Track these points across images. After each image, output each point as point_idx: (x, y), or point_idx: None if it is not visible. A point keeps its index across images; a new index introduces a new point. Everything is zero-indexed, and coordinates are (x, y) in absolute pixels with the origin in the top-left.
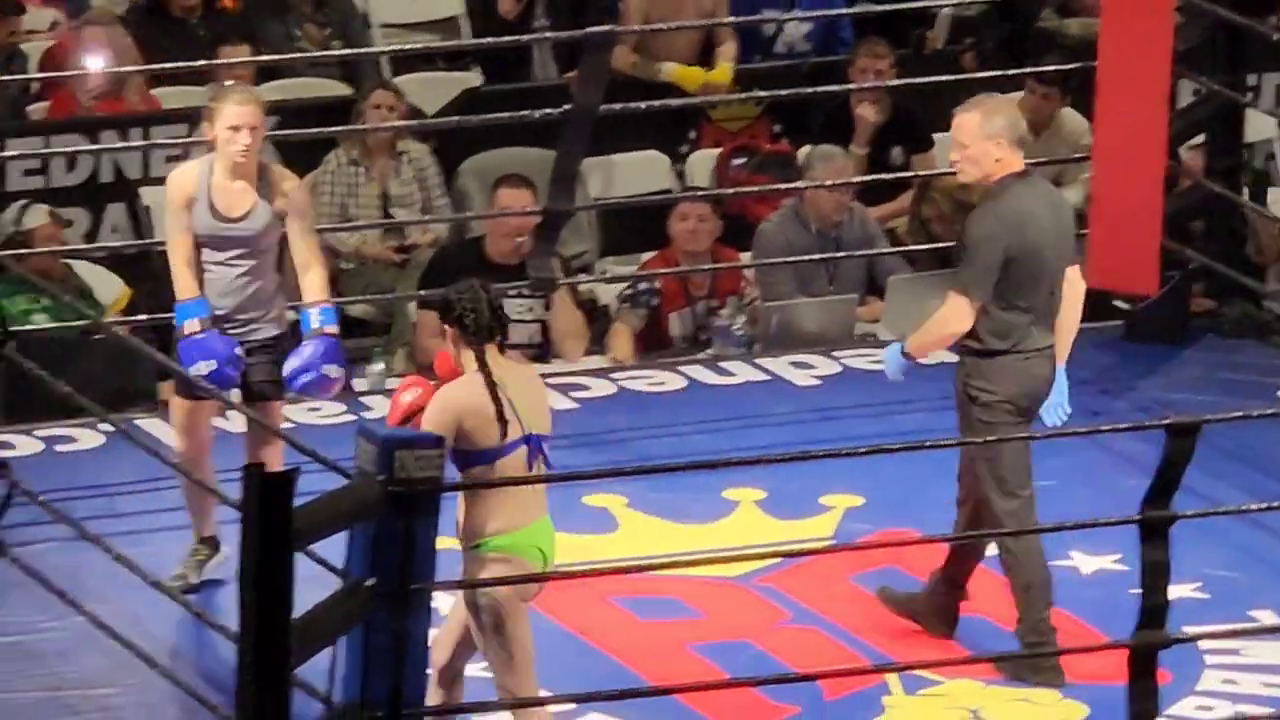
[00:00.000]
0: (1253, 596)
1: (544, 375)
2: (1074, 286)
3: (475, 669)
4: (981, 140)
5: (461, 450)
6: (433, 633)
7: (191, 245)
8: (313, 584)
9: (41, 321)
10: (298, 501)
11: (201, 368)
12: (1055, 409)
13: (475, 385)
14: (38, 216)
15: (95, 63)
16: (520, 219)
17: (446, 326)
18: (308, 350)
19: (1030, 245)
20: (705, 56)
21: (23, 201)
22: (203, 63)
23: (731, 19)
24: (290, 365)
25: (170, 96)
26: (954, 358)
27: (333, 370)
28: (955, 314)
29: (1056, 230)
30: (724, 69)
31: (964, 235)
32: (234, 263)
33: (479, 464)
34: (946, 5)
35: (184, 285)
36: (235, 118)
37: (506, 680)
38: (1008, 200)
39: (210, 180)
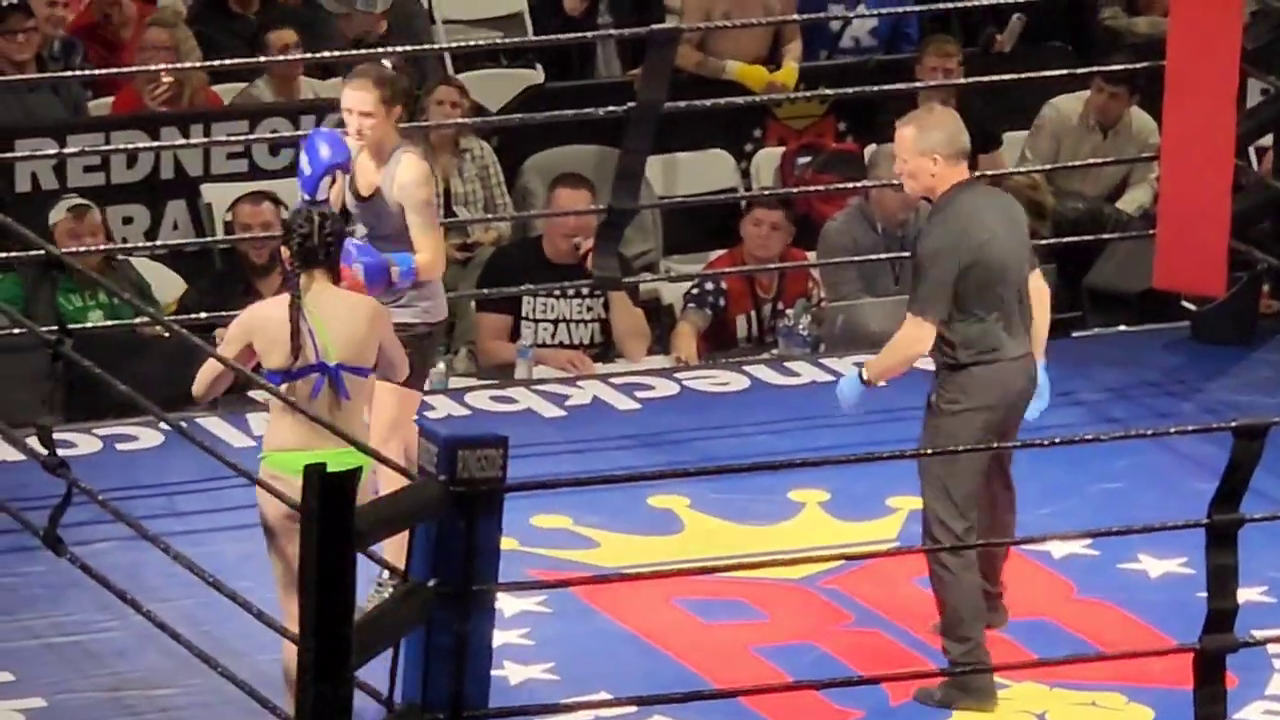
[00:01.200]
0: None
1: (607, 375)
2: (1039, 292)
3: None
4: (916, 156)
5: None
6: None
7: None
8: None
9: (97, 320)
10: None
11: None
12: (1033, 407)
13: (278, 308)
14: (59, 212)
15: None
16: (577, 219)
17: (283, 247)
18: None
19: (984, 252)
20: (771, 55)
21: (68, 199)
22: (263, 59)
23: (797, 16)
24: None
25: (230, 92)
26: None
27: (357, 265)
28: (913, 335)
29: (1010, 235)
30: (789, 69)
31: (914, 253)
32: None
33: (272, 383)
34: (1013, 4)
35: None
36: (345, 101)
37: (280, 599)
38: (953, 210)
39: (357, 157)
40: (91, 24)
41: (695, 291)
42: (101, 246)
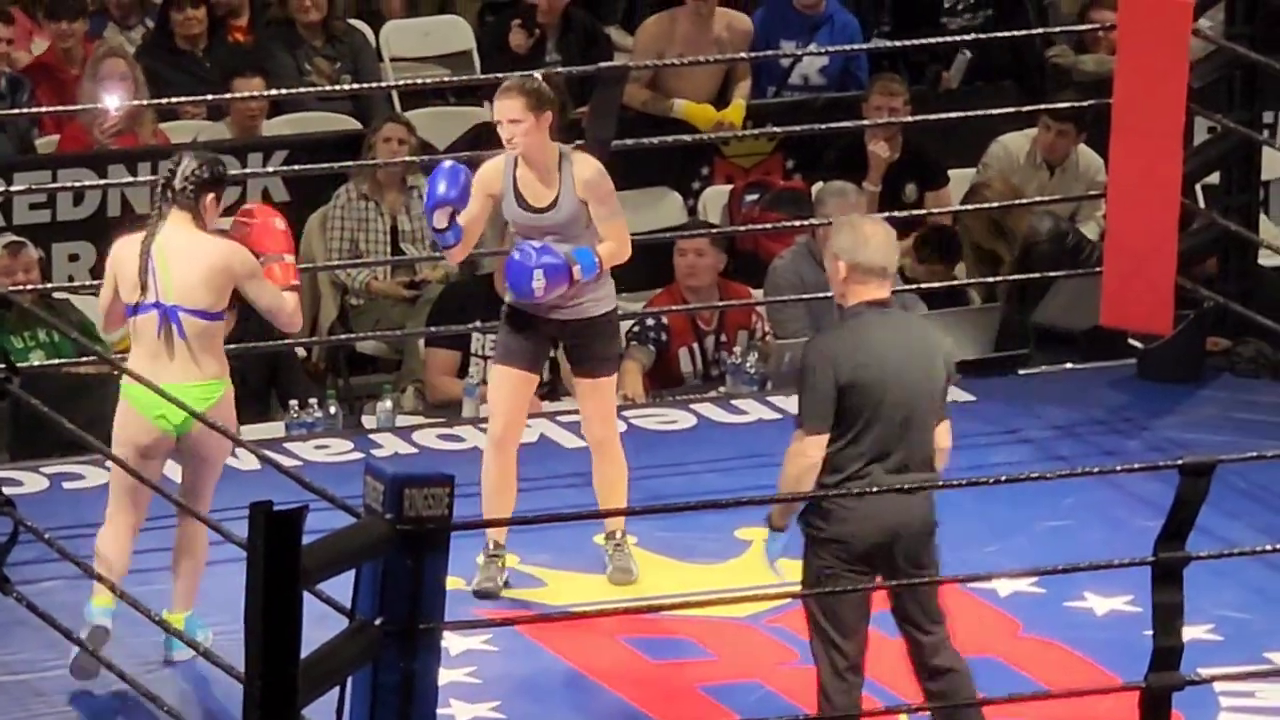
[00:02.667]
0: (1267, 638)
1: (554, 413)
2: (942, 440)
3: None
4: (830, 255)
5: None
6: None
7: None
8: (320, 623)
9: (40, 359)
10: (305, 539)
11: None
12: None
13: (134, 245)
14: None
15: (113, 100)
16: None
17: None
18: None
19: (865, 375)
20: (722, 94)
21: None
22: (212, 97)
23: (745, 54)
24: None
25: (178, 130)
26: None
27: (539, 277)
28: (794, 449)
29: (909, 369)
30: (737, 106)
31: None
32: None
33: (127, 315)
34: (961, 40)
35: None
36: (495, 112)
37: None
38: (849, 328)
39: (515, 173)
40: (43, 63)
41: (637, 328)
42: (38, 284)
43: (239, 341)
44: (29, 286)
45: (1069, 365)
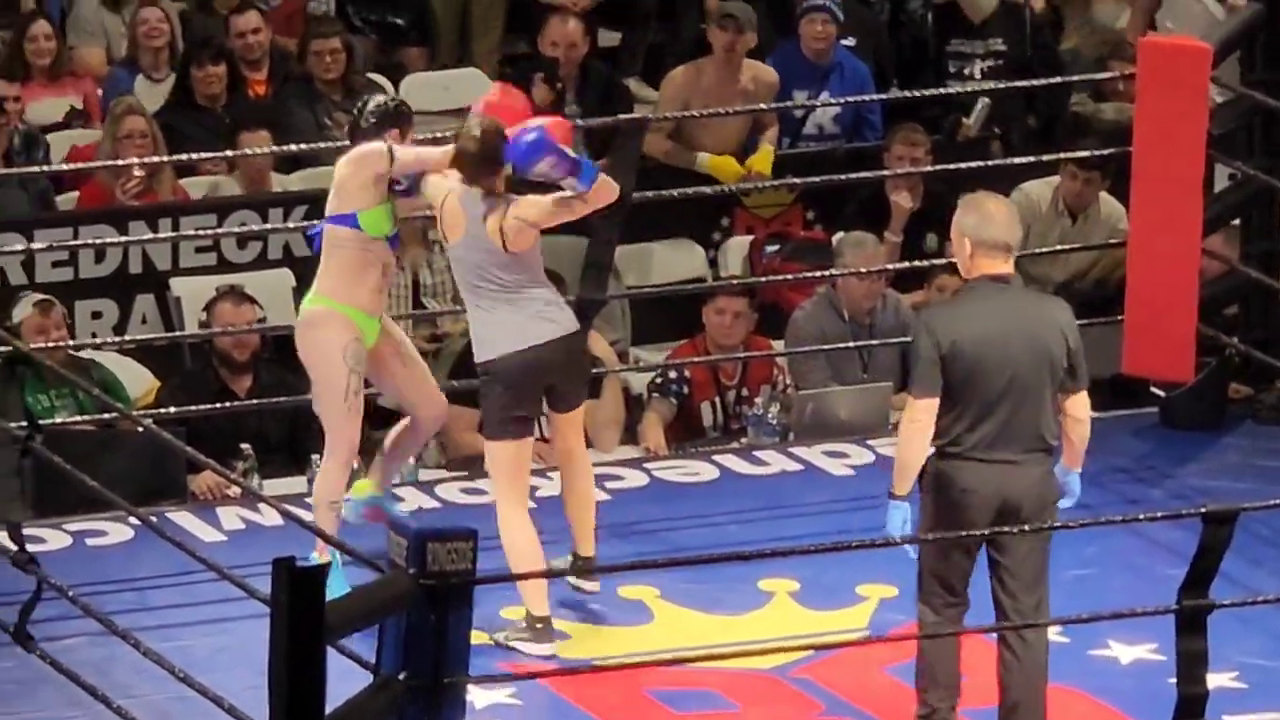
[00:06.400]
0: None
1: None
2: (1075, 407)
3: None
4: (957, 234)
5: None
6: None
7: None
8: (345, 678)
9: (65, 416)
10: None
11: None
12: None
13: None
14: (24, 308)
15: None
16: None
17: None
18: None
19: (964, 347)
20: (746, 147)
21: (30, 295)
22: (229, 153)
23: (763, 105)
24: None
25: (196, 186)
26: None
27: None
28: (905, 413)
29: (1014, 340)
30: (765, 154)
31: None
32: None
33: None
34: (977, 91)
35: None
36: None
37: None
38: (957, 300)
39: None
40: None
41: (659, 381)
42: (68, 341)
43: (258, 397)
44: (56, 344)
45: (1091, 414)
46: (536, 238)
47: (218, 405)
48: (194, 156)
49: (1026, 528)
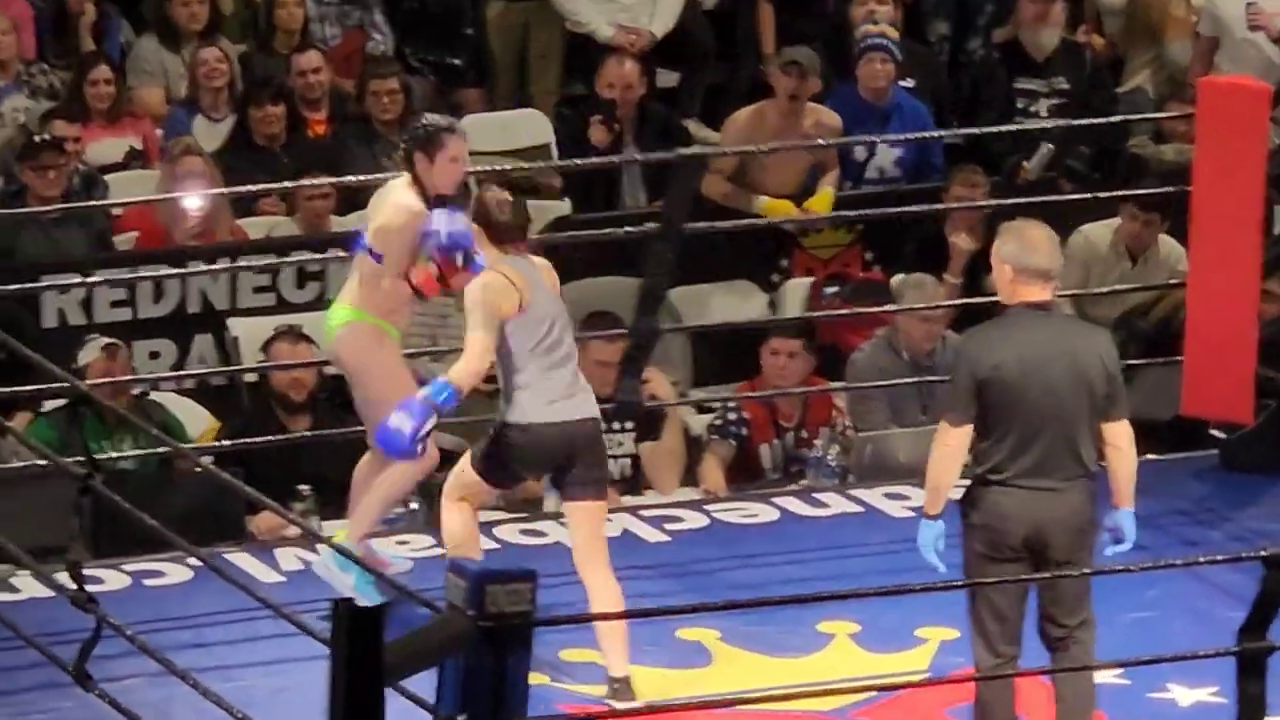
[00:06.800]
0: None
1: (636, 507)
2: (1117, 436)
3: None
4: (997, 261)
5: None
6: None
7: None
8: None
9: (126, 465)
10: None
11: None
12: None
13: None
14: (91, 351)
15: (194, 201)
16: (610, 354)
17: None
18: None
19: (1004, 373)
20: (806, 191)
21: (97, 338)
22: (287, 183)
23: (822, 141)
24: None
25: (255, 226)
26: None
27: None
28: (939, 436)
29: (1054, 366)
30: (825, 195)
31: None
32: None
33: None
34: (1037, 128)
35: None
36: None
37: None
38: (997, 326)
39: None
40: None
41: (718, 423)
42: (129, 385)
43: (317, 429)
44: (114, 381)
45: (1150, 456)
46: None
47: (275, 442)
48: (251, 188)
49: (1066, 557)
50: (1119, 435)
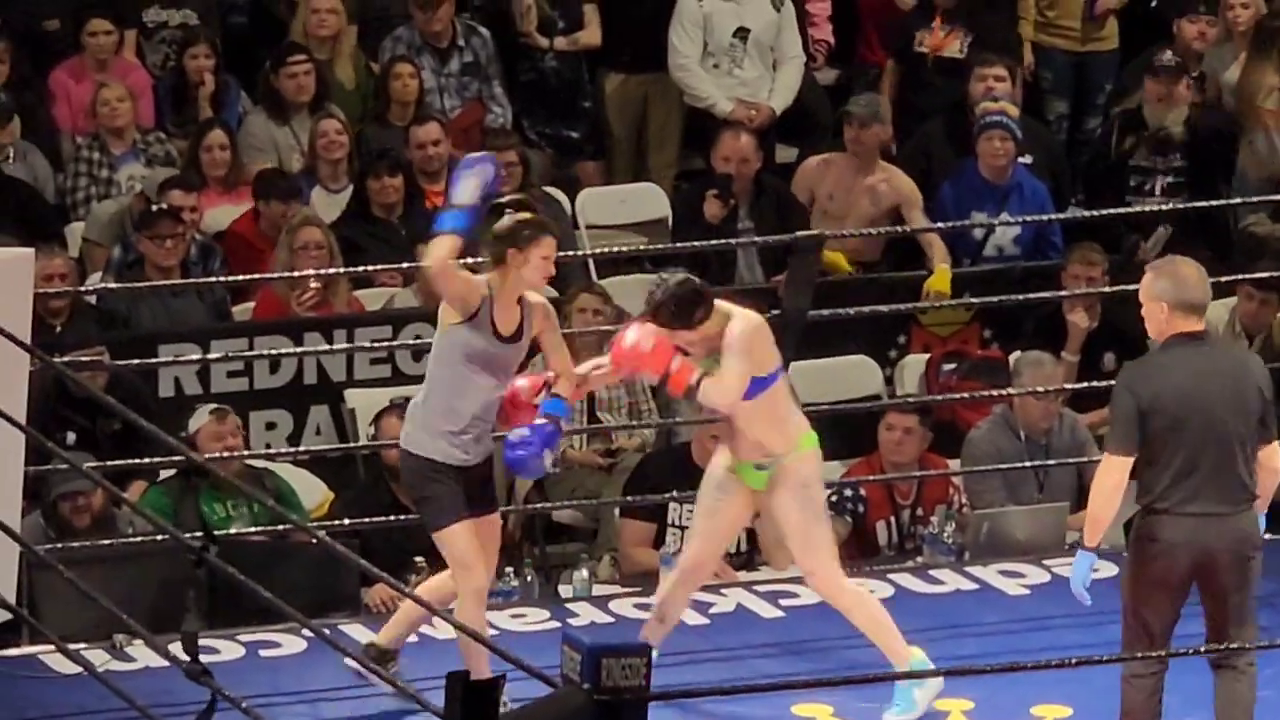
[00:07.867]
0: None
1: (751, 582)
2: (1270, 457)
3: None
4: (1148, 299)
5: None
6: None
7: None
8: None
9: (240, 527)
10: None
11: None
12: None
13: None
14: (200, 417)
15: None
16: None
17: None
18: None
19: (1160, 402)
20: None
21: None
22: (405, 265)
23: (940, 224)
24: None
25: (372, 298)
26: None
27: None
28: (1101, 468)
29: (1213, 393)
30: (942, 273)
31: None
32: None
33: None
34: (1156, 209)
35: None
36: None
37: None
38: (1155, 357)
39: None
40: (236, 231)
41: (834, 499)
42: (243, 451)
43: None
44: (231, 454)
45: (1266, 535)
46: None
47: (391, 518)
48: (370, 269)
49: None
50: (1273, 457)
